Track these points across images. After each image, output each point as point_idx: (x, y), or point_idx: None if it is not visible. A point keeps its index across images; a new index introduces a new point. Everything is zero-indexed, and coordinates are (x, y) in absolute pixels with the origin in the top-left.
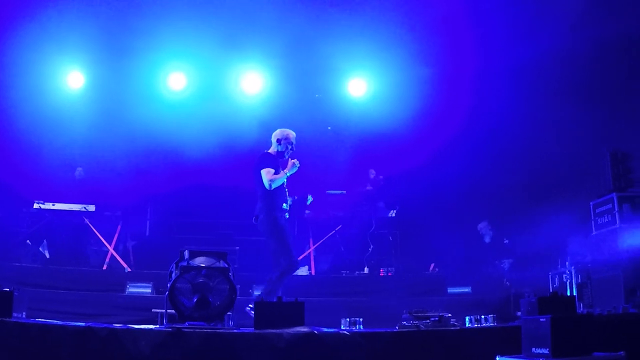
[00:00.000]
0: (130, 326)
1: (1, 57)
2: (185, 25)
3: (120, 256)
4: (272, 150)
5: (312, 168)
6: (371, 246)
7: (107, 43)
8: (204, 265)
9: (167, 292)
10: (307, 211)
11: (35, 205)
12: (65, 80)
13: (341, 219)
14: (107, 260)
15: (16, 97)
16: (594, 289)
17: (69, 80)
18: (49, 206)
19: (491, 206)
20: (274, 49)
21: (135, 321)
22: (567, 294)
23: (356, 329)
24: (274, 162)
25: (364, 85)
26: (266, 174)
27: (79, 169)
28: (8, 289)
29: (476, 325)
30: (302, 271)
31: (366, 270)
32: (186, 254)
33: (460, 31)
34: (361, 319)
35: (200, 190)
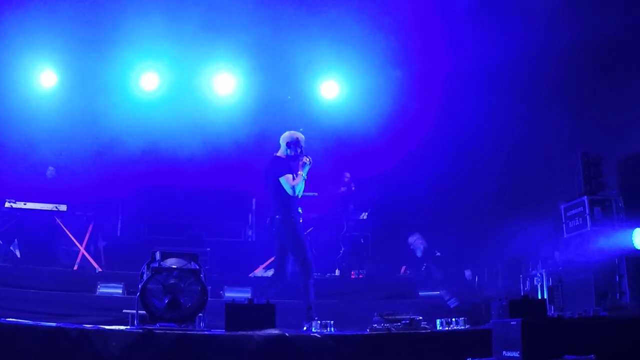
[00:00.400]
0: (100, 327)
1: None
2: (158, 25)
3: (91, 256)
4: (280, 153)
5: None
6: (342, 248)
7: (80, 42)
8: (175, 267)
9: (139, 293)
10: None
11: (7, 204)
12: (37, 79)
13: (313, 220)
14: (78, 260)
15: None
16: (565, 292)
17: (41, 79)
18: (20, 205)
19: (462, 208)
20: (246, 51)
21: (106, 322)
22: (538, 297)
23: (327, 332)
24: (287, 166)
25: (336, 88)
26: (287, 180)
27: (51, 168)
28: None
29: (447, 328)
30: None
31: (337, 273)
32: (157, 255)
33: (431, 33)
34: (332, 321)
35: (172, 191)
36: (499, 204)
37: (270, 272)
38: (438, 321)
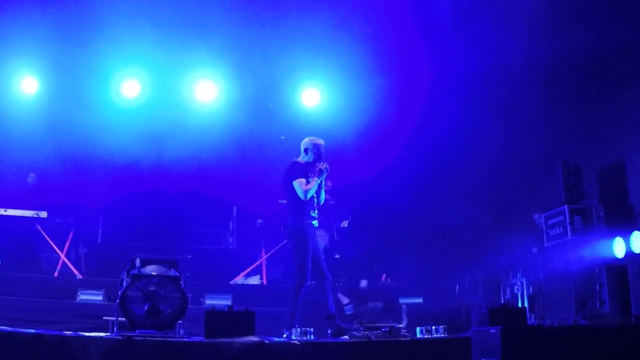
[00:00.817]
0: (80, 333)
1: None
2: (139, 32)
3: (71, 263)
4: (300, 159)
5: (265, 177)
6: (322, 255)
7: (62, 49)
8: (155, 274)
9: (118, 300)
10: (260, 220)
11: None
12: (18, 86)
13: None
14: (59, 267)
15: None
16: (545, 300)
17: (22, 85)
18: (0, 212)
19: (442, 217)
20: (227, 58)
21: (86, 329)
22: (519, 305)
23: (307, 339)
24: (302, 171)
25: (317, 95)
26: (299, 184)
27: (32, 174)
28: None
29: (427, 336)
30: (254, 280)
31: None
32: (137, 262)
33: (412, 43)
34: (312, 328)
35: (153, 198)
36: (479, 212)
37: (251, 280)
38: (418, 329)
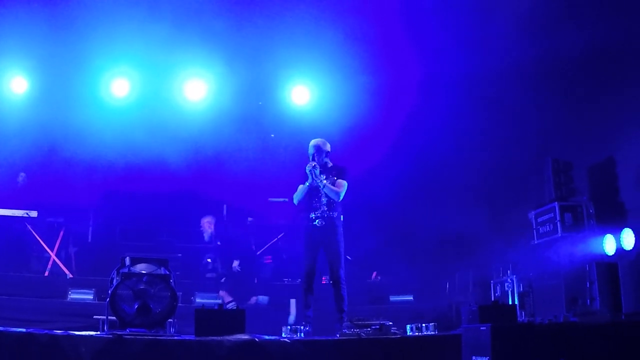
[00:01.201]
0: (71, 332)
1: None
2: (129, 32)
3: (62, 262)
4: None
5: (254, 175)
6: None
7: (51, 48)
8: (145, 272)
9: (108, 299)
10: (250, 218)
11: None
12: (8, 86)
13: (283, 226)
14: (49, 267)
15: None
16: (535, 297)
17: (12, 85)
18: None
19: (432, 215)
20: (217, 56)
21: (76, 328)
22: (509, 302)
23: (297, 337)
24: (304, 175)
25: (307, 93)
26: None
27: (22, 174)
28: None
29: (417, 334)
30: None
31: None
32: (127, 260)
33: (402, 41)
34: (302, 326)
35: (143, 197)
36: (469, 210)
37: None
38: (408, 326)
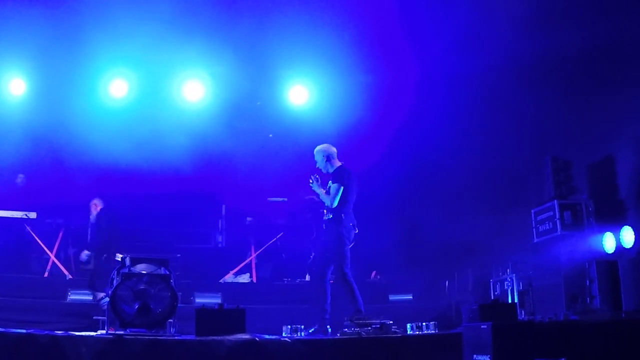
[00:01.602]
0: (71, 333)
1: None
2: (127, 32)
3: (61, 263)
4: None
5: (253, 175)
6: (312, 253)
7: (49, 50)
8: (145, 272)
9: (109, 299)
10: (249, 218)
11: None
12: (6, 87)
13: (282, 226)
14: (49, 268)
15: None
16: (535, 296)
17: (10, 87)
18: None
19: (434, 213)
20: (215, 57)
21: (76, 328)
22: (509, 301)
23: (298, 336)
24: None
25: (306, 93)
26: None
27: (20, 175)
28: None
29: (417, 333)
30: (244, 278)
31: (307, 278)
32: (127, 260)
33: (400, 40)
34: (303, 325)
35: (142, 197)
36: (469, 208)
37: (241, 278)
38: (409, 325)
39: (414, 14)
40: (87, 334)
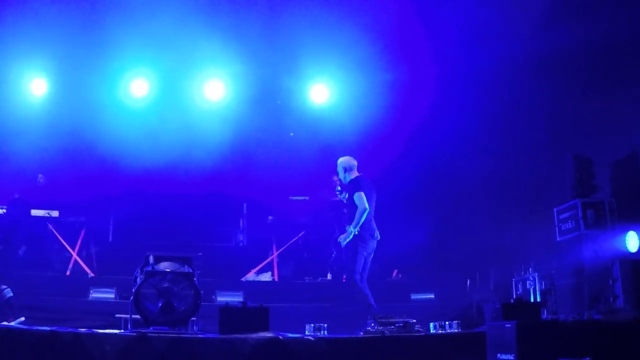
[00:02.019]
0: (95, 331)
1: None
2: (147, 32)
3: (83, 262)
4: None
5: (274, 174)
6: (334, 252)
7: (71, 50)
8: (169, 270)
9: (132, 297)
10: (270, 217)
11: (0, 211)
12: (28, 87)
13: (304, 224)
14: (71, 266)
15: None
16: (557, 295)
17: (32, 87)
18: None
19: (455, 212)
20: (235, 56)
21: (98, 326)
22: (531, 300)
23: (321, 335)
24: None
25: (326, 92)
26: None
27: (40, 175)
28: None
29: (441, 332)
30: (265, 277)
31: (329, 277)
32: (151, 258)
33: (419, 37)
34: (326, 324)
35: (163, 196)
36: (491, 207)
37: (263, 276)
38: (431, 324)
39: (432, 11)
40: (111, 331)
